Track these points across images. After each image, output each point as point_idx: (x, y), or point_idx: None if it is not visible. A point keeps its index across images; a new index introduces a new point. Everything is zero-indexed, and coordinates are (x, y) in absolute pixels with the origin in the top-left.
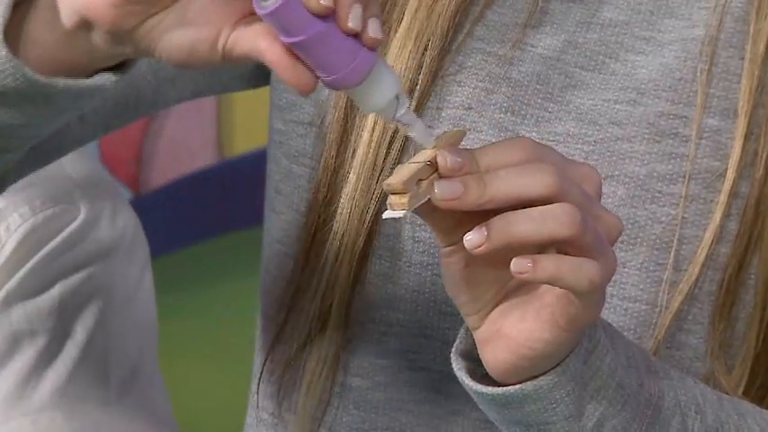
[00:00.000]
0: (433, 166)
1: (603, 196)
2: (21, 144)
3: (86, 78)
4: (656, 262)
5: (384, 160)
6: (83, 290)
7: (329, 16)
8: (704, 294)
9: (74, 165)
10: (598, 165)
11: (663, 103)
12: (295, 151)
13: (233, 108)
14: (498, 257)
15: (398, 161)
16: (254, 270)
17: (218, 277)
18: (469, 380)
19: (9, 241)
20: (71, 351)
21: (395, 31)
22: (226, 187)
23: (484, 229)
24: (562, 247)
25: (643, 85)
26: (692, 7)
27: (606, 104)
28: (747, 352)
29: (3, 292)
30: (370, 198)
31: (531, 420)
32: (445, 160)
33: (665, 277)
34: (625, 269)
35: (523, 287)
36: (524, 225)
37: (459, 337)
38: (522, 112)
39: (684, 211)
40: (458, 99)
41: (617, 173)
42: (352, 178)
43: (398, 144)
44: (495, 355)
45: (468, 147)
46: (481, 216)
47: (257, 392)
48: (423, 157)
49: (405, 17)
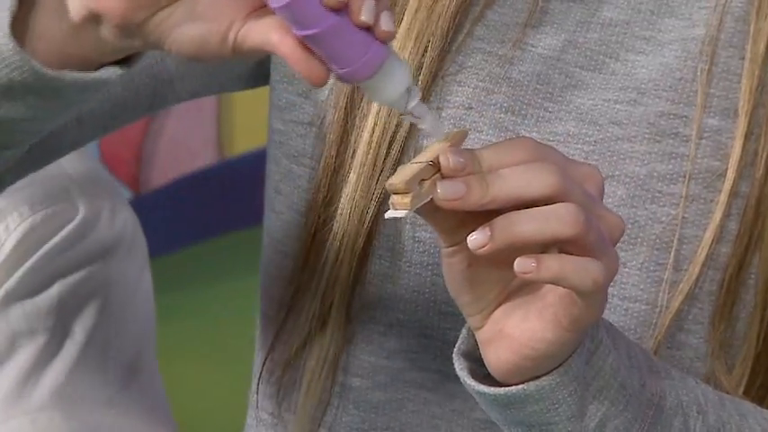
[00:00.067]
0: (436, 166)
1: (604, 196)
2: (23, 139)
3: (93, 72)
4: (657, 262)
5: (384, 160)
6: (82, 289)
7: (342, 9)
8: (704, 294)
9: (72, 163)
10: (598, 165)
11: (663, 103)
12: (295, 151)
13: (233, 108)
14: (501, 257)
15: (398, 161)
16: (254, 270)
17: (218, 277)
18: (472, 380)
19: (8, 240)
20: (70, 350)
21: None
22: (226, 187)
23: (487, 229)
24: (565, 246)
25: (643, 85)
26: (692, 7)
27: (606, 104)
28: (748, 352)
29: (2, 291)
30: (370, 198)
31: (534, 421)
32: (448, 160)
33: (665, 277)
34: (625, 269)
35: (526, 287)
36: (528, 225)
37: (461, 337)
38: (523, 111)
39: (685, 211)
40: (458, 99)
41: (617, 173)
42: (352, 178)
43: (398, 144)
44: (497, 356)
45: (469, 147)
46: (483, 216)
47: (257, 392)
48: (425, 157)
49: (405, 17)
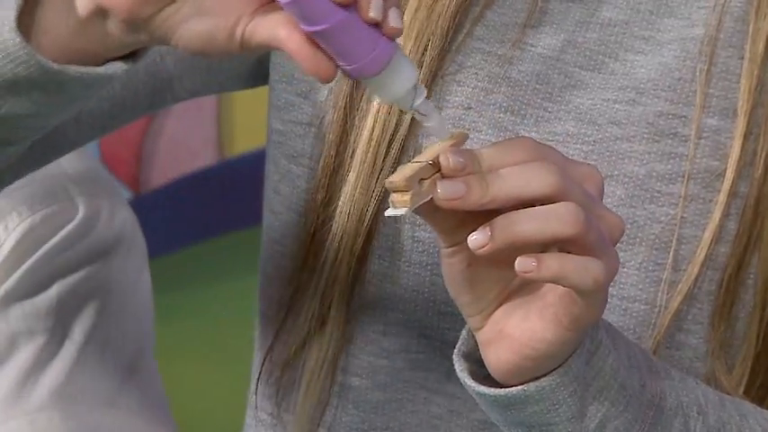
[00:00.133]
0: (435, 165)
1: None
2: (26, 135)
3: (98, 67)
4: (656, 262)
5: (383, 160)
6: (81, 289)
7: (350, 5)
8: (704, 294)
9: (72, 163)
10: (597, 164)
11: (662, 103)
12: (294, 152)
13: (233, 108)
14: (500, 257)
15: (398, 161)
16: (254, 270)
17: (218, 277)
18: (472, 381)
19: (7, 240)
20: (69, 351)
21: None
22: (226, 187)
23: (488, 229)
24: (565, 246)
25: (642, 85)
26: (691, 7)
27: (605, 104)
28: (748, 351)
29: (1, 291)
30: (369, 198)
31: (534, 421)
32: (448, 160)
33: (664, 277)
34: (624, 269)
35: (526, 287)
36: (528, 224)
37: (461, 338)
38: (522, 111)
39: (683, 211)
40: (458, 99)
41: (616, 173)
42: (351, 178)
43: (398, 144)
44: (497, 356)
45: (469, 147)
46: (483, 216)
47: (256, 393)
48: (425, 156)
49: (405, 17)
